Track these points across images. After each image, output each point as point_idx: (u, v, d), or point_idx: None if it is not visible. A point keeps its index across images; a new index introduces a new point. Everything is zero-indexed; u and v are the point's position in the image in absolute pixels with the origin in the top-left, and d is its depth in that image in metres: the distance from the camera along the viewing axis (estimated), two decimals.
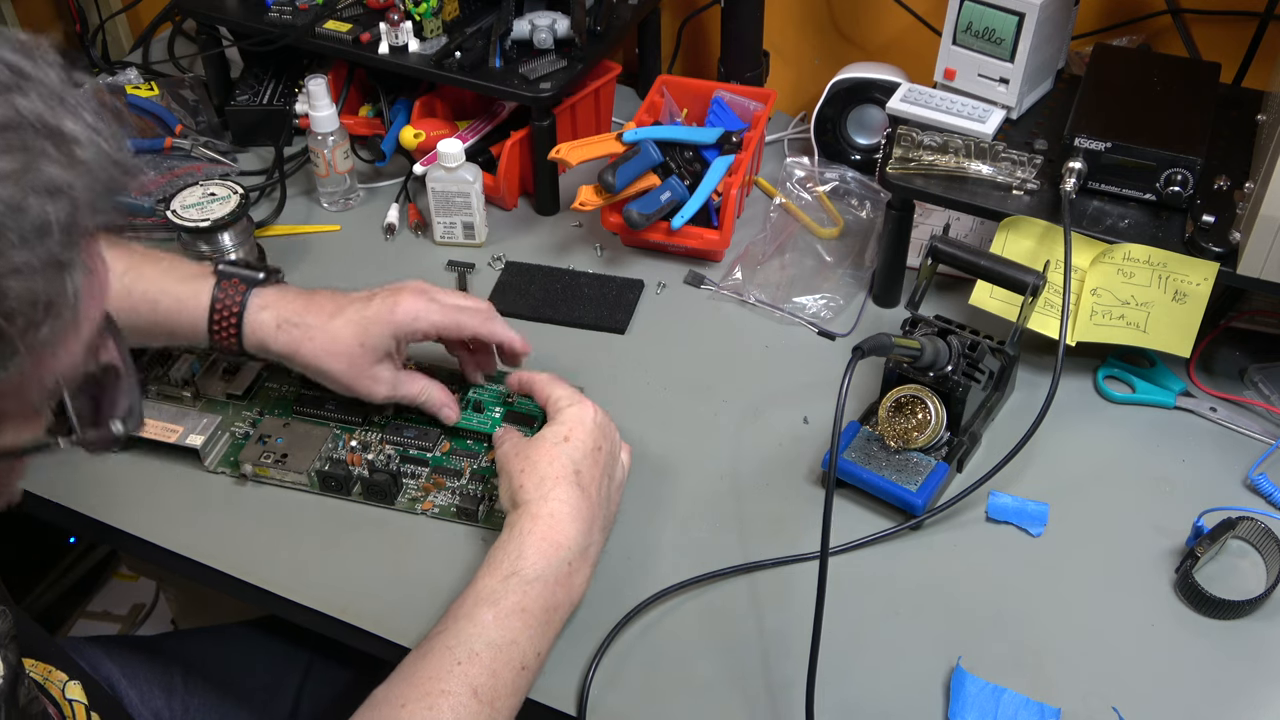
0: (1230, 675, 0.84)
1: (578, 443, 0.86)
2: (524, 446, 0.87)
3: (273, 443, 0.99)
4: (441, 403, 0.98)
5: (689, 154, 1.21)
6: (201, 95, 1.42)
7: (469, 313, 0.97)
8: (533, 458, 0.85)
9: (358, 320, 0.93)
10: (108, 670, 0.99)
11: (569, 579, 0.81)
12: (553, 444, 0.86)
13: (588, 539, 0.83)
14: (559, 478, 0.84)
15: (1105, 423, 1.03)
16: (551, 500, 0.83)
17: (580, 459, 0.85)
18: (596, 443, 0.87)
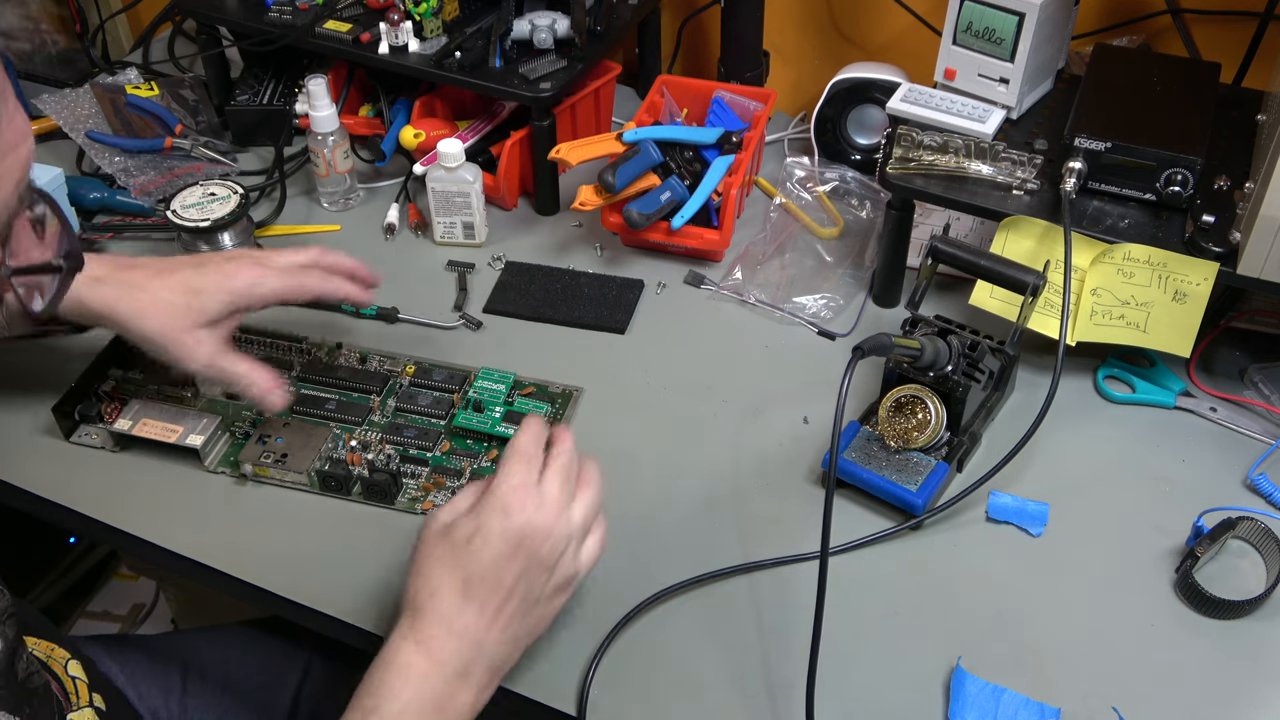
0: (1230, 675, 0.84)
1: (479, 548, 0.74)
2: (431, 540, 0.76)
3: (273, 442, 0.99)
4: (267, 388, 0.93)
5: (689, 154, 1.21)
6: (201, 95, 1.42)
7: (309, 273, 0.95)
8: (428, 560, 0.75)
9: (187, 282, 0.90)
10: (107, 669, 1.00)
11: (440, 710, 0.73)
12: (453, 547, 0.75)
13: (468, 662, 0.73)
14: (444, 590, 0.74)
15: (1105, 423, 1.03)
16: (425, 615, 0.73)
17: (476, 570, 0.74)
18: (506, 550, 0.74)
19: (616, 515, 0.95)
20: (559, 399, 1.04)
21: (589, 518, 0.79)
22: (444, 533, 0.76)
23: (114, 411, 1.00)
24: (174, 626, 1.72)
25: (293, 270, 0.95)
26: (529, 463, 0.77)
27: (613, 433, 1.03)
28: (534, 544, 0.74)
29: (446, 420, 1.02)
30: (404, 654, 0.73)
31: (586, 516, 0.79)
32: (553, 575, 0.76)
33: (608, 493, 0.96)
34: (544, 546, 0.75)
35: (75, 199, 1.26)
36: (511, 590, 0.74)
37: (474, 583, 0.74)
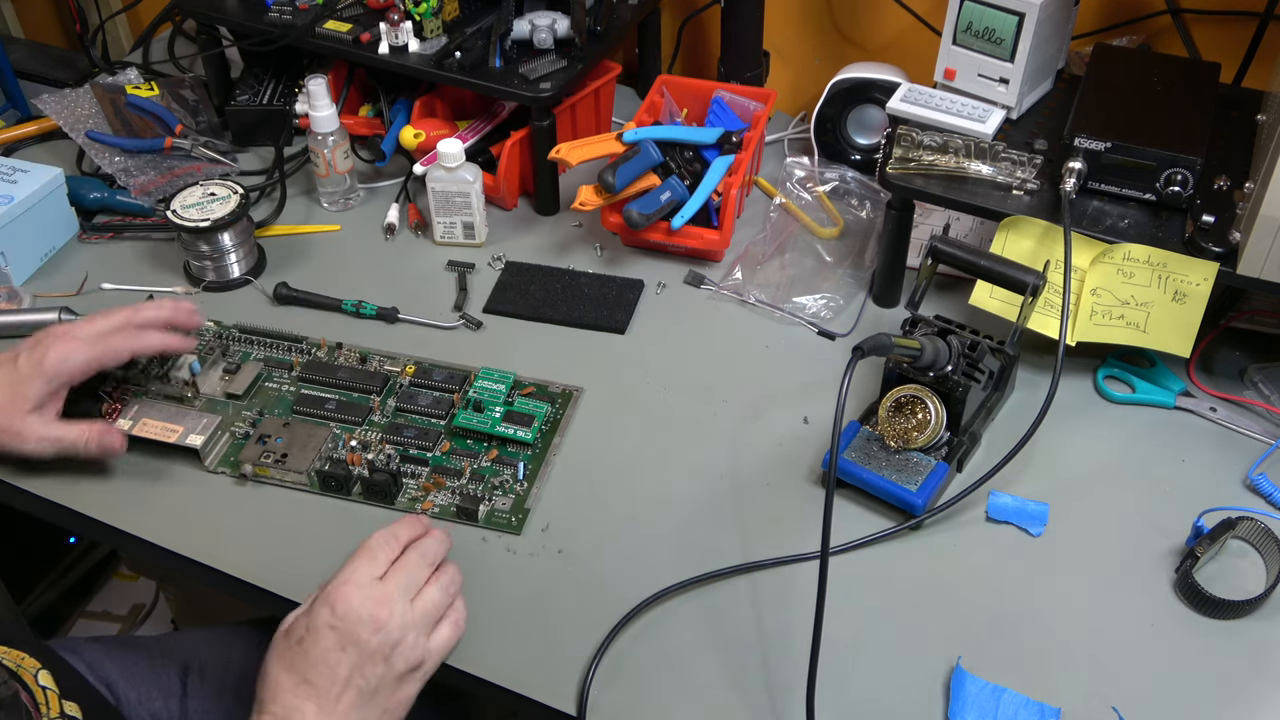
0: (1230, 675, 0.83)
1: (311, 645, 0.77)
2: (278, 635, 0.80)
3: (273, 442, 0.99)
4: (99, 435, 0.96)
5: (689, 154, 1.21)
6: (201, 95, 1.42)
7: (119, 335, 0.97)
8: (269, 659, 0.78)
9: (5, 381, 0.94)
10: (107, 671, 0.99)
11: None
12: (289, 645, 0.78)
13: None
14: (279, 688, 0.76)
15: (1105, 423, 1.03)
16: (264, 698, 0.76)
17: (309, 667, 0.76)
18: (337, 644, 0.76)
19: (617, 515, 0.95)
20: (559, 399, 1.04)
21: (435, 606, 0.81)
22: (284, 634, 0.79)
23: (114, 412, 1.00)
24: (174, 626, 1.72)
25: (101, 336, 0.97)
26: (371, 559, 0.81)
27: (613, 433, 1.03)
28: (362, 636, 0.77)
29: (446, 420, 1.02)
30: None
31: (430, 606, 0.81)
32: (390, 665, 0.78)
33: (609, 492, 0.97)
34: (373, 639, 0.77)
35: (75, 199, 1.26)
36: (347, 682, 0.76)
37: (309, 677, 0.76)
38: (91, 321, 0.98)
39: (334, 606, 0.77)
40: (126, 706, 0.98)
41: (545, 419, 1.02)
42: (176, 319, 1.02)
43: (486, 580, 0.90)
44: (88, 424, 0.96)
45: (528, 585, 0.90)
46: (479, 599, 0.88)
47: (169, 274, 1.21)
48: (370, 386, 1.04)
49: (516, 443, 0.99)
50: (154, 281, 1.20)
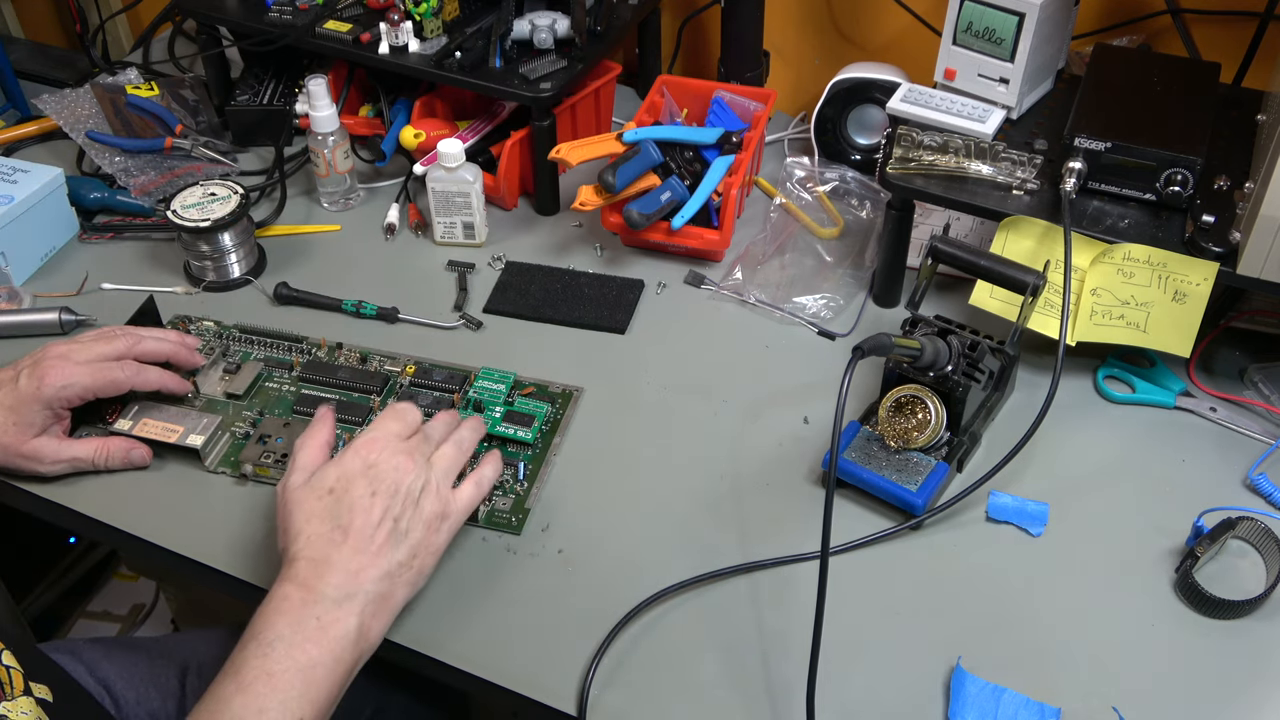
0: (1230, 675, 0.83)
1: (343, 493, 0.81)
2: (294, 495, 0.83)
3: (273, 442, 0.99)
4: (124, 458, 0.98)
5: (689, 154, 1.21)
6: (201, 95, 1.43)
7: (121, 366, 0.98)
8: (293, 512, 0.82)
9: (7, 404, 0.94)
10: (105, 671, 0.99)
11: (322, 633, 0.76)
12: (316, 497, 0.82)
13: (346, 589, 0.78)
14: (311, 534, 0.80)
15: (1105, 423, 1.03)
16: (300, 560, 0.79)
17: (342, 512, 0.80)
18: (367, 489, 0.81)
19: (617, 515, 0.95)
20: (559, 399, 1.04)
21: (451, 461, 0.87)
22: (305, 488, 0.83)
23: (114, 412, 1.00)
24: (174, 626, 1.72)
25: (102, 365, 0.97)
26: (398, 420, 0.86)
27: (613, 433, 1.03)
28: (394, 478, 0.82)
29: None
30: (281, 591, 0.78)
31: (448, 461, 0.87)
32: (419, 509, 0.83)
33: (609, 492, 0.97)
34: (403, 480, 0.82)
35: (75, 199, 1.26)
36: (379, 523, 0.80)
37: (341, 523, 0.80)
38: (92, 343, 0.98)
39: (365, 456, 0.83)
40: (125, 707, 0.98)
41: (545, 419, 1.02)
42: (177, 357, 1.03)
43: (486, 580, 0.90)
44: (101, 440, 0.97)
45: (528, 585, 0.90)
46: (479, 599, 0.88)
47: (169, 274, 1.21)
48: (370, 386, 1.04)
49: (517, 443, 0.99)
50: (154, 281, 1.20)
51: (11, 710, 0.76)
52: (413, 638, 0.86)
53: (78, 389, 0.95)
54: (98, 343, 0.99)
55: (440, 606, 0.88)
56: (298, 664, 0.75)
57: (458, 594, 0.89)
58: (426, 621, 0.87)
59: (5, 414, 0.94)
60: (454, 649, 0.85)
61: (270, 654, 0.75)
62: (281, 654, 0.75)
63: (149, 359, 1.01)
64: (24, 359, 0.97)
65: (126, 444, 0.98)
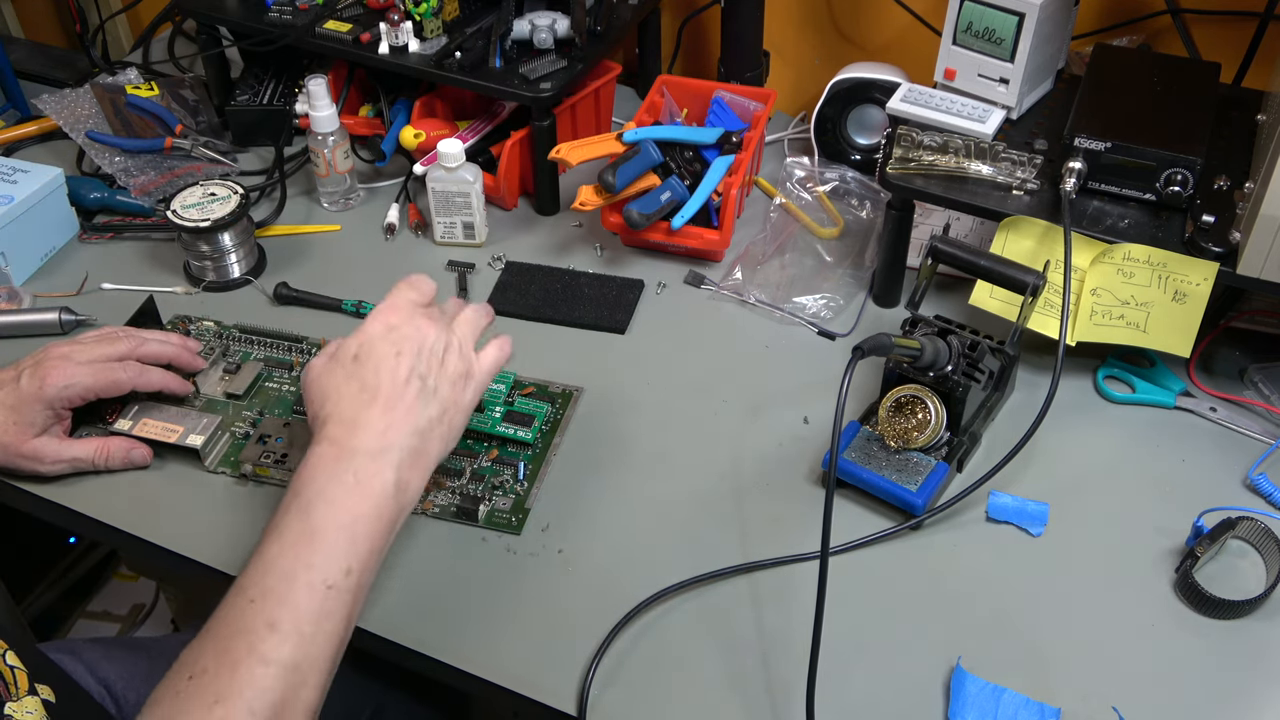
0: (1230, 675, 0.83)
1: (366, 357, 0.82)
2: (322, 370, 0.84)
3: (273, 442, 0.99)
4: (125, 458, 0.98)
5: (689, 154, 1.21)
6: (201, 95, 1.43)
7: (124, 367, 0.98)
8: (323, 382, 0.83)
9: (8, 404, 0.94)
10: (106, 672, 0.99)
11: (359, 488, 0.77)
12: (341, 365, 0.83)
13: (380, 444, 0.79)
14: (341, 397, 0.81)
15: (1105, 423, 1.03)
16: (331, 423, 0.80)
17: (368, 374, 0.81)
18: (392, 350, 0.82)
19: (617, 515, 0.95)
20: (559, 399, 1.04)
21: (472, 325, 0.89)
22: (330, 359, 0.84)
23: (114, 412, 1.00)
24: (174, 627, 1.72)
25: (104, 366, 0.97)
26: (412, 288, 0.87)
27: (613, 433, 1.03)
28: (417, 338, 0.83)
29: None
30: (317, 454, 0.79)
31: (468, 325, 0.89)
32: (445, 365, 0.84)
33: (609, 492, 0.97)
34: (427, 339, 0.84)
35: (75, 199, 1.26)
36: (407, 380, 0.81)
37: (369, 385, 0.81)
38: (95, 344, 0.98)
39: (385, 320, 0.84)
40: (126, 707, 0.98)
41: (545, 419, 1.02)
42: (180, 360, 1.03)
43: (487, 580, 0.90)
44: (101, 440, 0.97)
45: (528, 585, 0.90)
46: (479, 599, 0.88)
47: (169, 274, 1.21)
48: None
49: (517, 443, 0.99)
50: (154, 281, 1.20)
51: (17, 710, 0.76)
52: (413, 638, 0.86)
53: (79, 389, 0.95)
54: (100, 344, 0.99)
55: (440, 606, 0.88)
56: (339, 521, 0.76)
57: (458, 594, 0.89)
58: (427, 621, 0.87)
59: (6, 413, 0.94)
60: (454, 649, 0.85)
61: (311, 512, 0.75)
62: (322, 511, 0.76)
63: (151, 361, 1.01)
64: (25, 359, 0.97)
65: (127, 444, 0.98)
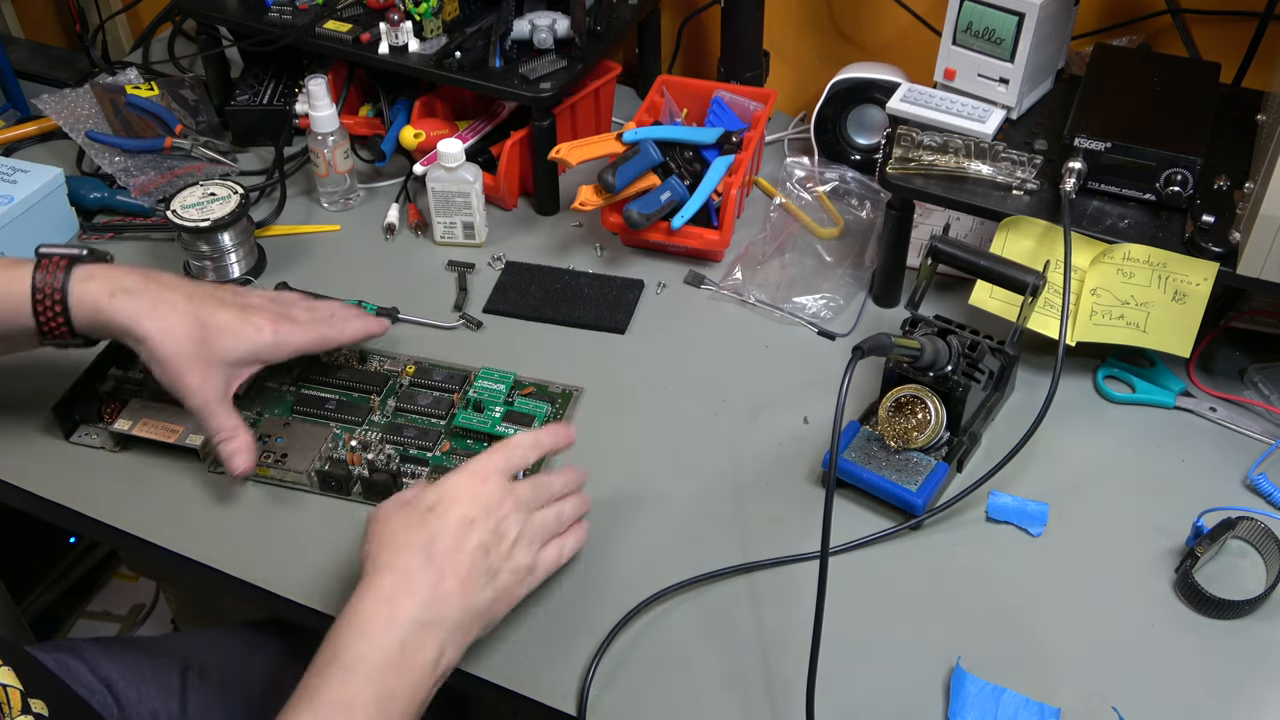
0: (1230, 675, 0.84)
1: (442, 514, 0.78)
2: (392, 512, 0.80)
3: (273, 442, 0.99)
4: (238, 449, 0.92)
5: (689, 154, 1.21)
6: (201, 95, 1.43)
7: (329, 324, 0.98)
8: (390, 521, 0.79)
9: (218, 319, 0.90)
10: (106, 670, 1.00)
11: (403, 659, 0.73)
12: (415, 512, 0.79)
13: (431, 614, 0.75)
14: (402, 545, 0.77)
15: (1105, 423, 1.03)
16: (386, 571, 0.76)
17: (440, 529, 0.77)
18: (466, 517, 0.78)
19: (617, 515, 0.95)
20: (559, 399, 1.04)
21: (546, 527, 0.83)
22: (404, 504, 0.80)
23: (114, 411, 1.00)
24: (174, 626, 1.72)
25: (314, 325, 0.98)
26: (507, 458, 0.83)
27: (613, 433, 1.03)
28: (497, 515, 0.79)
29: (446, 420, 1.01)
30: (366, 608, 0.74)
31: (542, 524, 0.83)
32: (512, 554, 0.80)
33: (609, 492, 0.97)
34: (505, 521, 0.80)
35: (75, 199, 1.26)
36: (473, 555, 0.77)
37: (435, 545, 0.77)
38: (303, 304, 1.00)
39: (470, 484, 0.80)
40: (127, 706, 0.99)
41: (546, 419, 1.02)
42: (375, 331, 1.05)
43: None
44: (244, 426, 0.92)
45: None
46: None
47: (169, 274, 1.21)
48: (370, 386, 1.04)
49: None
50: None
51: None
52: None
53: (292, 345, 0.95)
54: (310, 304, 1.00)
55: None
56: (377, 694, 0.71)
57: None
58: None
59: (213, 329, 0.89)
60: None
61: (351, 680, 0.71)
62: (362, 680, 0.71)
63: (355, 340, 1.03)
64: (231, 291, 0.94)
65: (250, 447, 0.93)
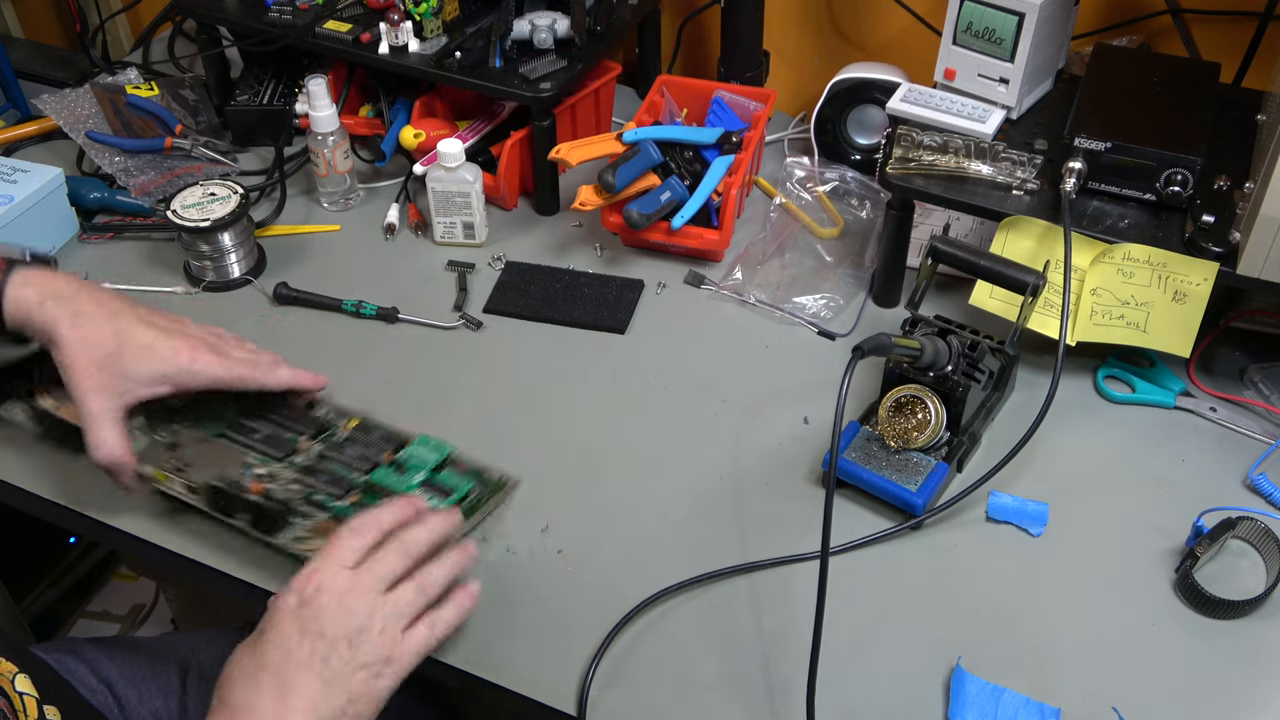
0: (1230, 675, 0.84)
1: (271, 634, 0.75)
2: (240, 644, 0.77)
3: (181, 451, 0.93)
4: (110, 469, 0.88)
5: (689, 154, 1.21)
6: (201, 95, 1.43)
7: (251, 365, 0.92)
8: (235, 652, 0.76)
9: (138, 340, 0.87)
10: (107, 671, 1.00)
11: None
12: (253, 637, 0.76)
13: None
14: (234, 678, 0.75)
15: (1105, 423, 1.03)
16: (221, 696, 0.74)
17: (268, 651, 0.74)
18: (295, 629, 0.74)
19: (617, 515, 0.95)
20: (491, 485, 0.92)
21: (406, 605, 0.77)
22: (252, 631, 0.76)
23: (41, 392, 0.95)
24: (174, 626, 1.72)
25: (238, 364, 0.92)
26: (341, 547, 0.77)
27: (613, 433, 1.03)
28: (324, 621, 0.74)
29: (365, 474, 0.92)
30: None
31: (402, 604, 0.76)
32: (356, 653, 0.74)
33: (609, 492, 0.97)
34: (337, 626, 0.74)
35: (75, 199, 1.26)
36: (306, 665, 0.73)
37: (266, 663, 0.73)
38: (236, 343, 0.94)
39: (300, 594, 0.75)
40: (128, 706, 0.99)
41: (467, 496, 0.90)
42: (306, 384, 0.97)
43: (486, 580, 0.89)
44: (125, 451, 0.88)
45: (527, 585, 0.90)
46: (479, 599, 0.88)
47: (169, 274, 1.21)
48: (304, 429, 0.96)
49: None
50: (154, 281, 1.20)
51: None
52: None
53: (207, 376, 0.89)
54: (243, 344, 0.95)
55: None
56: None
57: None
58: None
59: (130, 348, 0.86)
60: (454, 649, 0.85)
61: None
62: None
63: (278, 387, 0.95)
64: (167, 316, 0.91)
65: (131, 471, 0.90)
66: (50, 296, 0.87)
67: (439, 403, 1.06)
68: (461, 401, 1.06)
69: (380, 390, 1.06)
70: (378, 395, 1.05)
